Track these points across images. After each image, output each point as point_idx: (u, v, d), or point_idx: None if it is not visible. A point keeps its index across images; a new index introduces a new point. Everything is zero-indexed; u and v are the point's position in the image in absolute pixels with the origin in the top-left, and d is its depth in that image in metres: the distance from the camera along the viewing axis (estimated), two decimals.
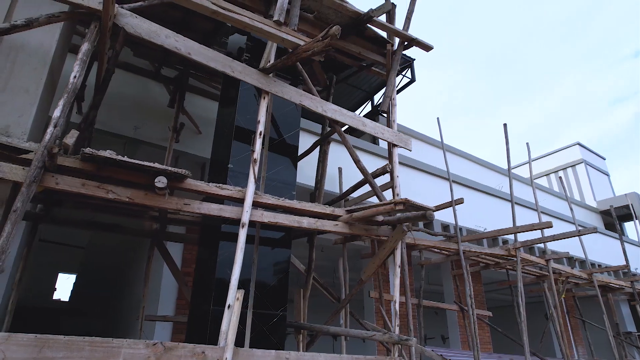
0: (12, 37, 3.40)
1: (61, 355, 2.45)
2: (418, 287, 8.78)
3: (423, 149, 11.28)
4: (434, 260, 8.96)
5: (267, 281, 4.10)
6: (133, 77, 6.23)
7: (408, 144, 4.77)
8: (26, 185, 2.64)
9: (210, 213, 3.37)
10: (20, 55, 3.39)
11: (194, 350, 2.82)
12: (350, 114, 4.43)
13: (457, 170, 10.92)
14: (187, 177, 3.16)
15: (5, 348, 2.34)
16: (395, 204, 3.54)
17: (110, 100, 6.07)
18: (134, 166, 2.95)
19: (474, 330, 6.82)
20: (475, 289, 11.53)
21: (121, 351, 2.60)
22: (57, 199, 4.50)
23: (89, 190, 2.91)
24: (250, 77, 3.80)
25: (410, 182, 9.13)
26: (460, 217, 8.12)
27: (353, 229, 4.05)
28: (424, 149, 11.32)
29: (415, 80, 11.09)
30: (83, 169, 2.95)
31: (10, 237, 2.52)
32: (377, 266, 4.32)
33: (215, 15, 3.26)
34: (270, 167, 4.53)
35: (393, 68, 5.07)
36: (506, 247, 7.61)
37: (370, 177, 4.40)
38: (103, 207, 4.70)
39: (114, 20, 3.19)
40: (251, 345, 3.74)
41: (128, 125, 6.15)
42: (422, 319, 8.65)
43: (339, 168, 8.12)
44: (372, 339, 3.84)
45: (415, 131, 11.69)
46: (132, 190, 3.08)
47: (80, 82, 3.00)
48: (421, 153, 10.48)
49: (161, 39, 3.38)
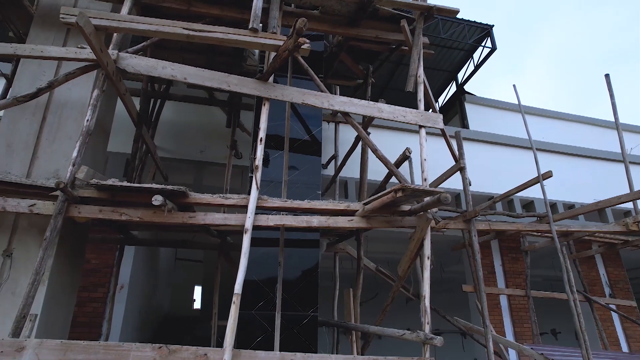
0: (57, 96, 4.16)
1: (81, 357, 2.88)
2: (519, 276, 7.76)
3: (502, 117, 9.99)
4: (538, 245, 7.81)
5: (296, 283, 4.13)
6: (192, 106, 6.93)
7: (437, 123, 4.32)
8: (53, 217, 3.19)
9: (215, 222, 3.57)
10: (64, 110, 4.11)
11: (197, 352, 3.02)
12: (363, 102, 4.22)
13: (543, 135, 9.40)
14: (185, 193, 3.42)
15: (38, 351, 2.86)
16: (395, 192, 3.25)
17: (176, 130, 6.87)
18: (137, 189, 3.32)
19: (600, 324, 5.72)
20: (614, 274, 9.68)
21: (130, 354, 2.94)
22: (130, 225, 5.26)
23: (105, 215, 3.38)
24: (247, 87, 3.93)
25: (485, 158, 8.19)
26: (553, 191, 6.95)
27: (372, 222, 3.84)
28: (503, 117, 10.01)
29: (496, 49, 9.91)
30: (101, 198, 3.43)
31: (42, 261, 3.07)
32: (410, 260, 4.00)
33: (191, 39, 3.48)
34: (294, 168, 4.57)
35: (414, 44, 4.66)
36: (623, 222, 6.20)
37: (392, 165, 4.10)
38: (167, 227, 5.32)
39: (115, 64, 3.64)
40: (281, 347, 3.82)
41: (194, 149, 6.86)
42: (533, 313, 7.62)
43: (409, 158, 7.73)
44: (402, 338, 3.56)
45: (487, 99, 10.48)
46: (142, 210, 3.46)
47: (92, 124, 3.50)
48: (500, 122, 9.32)
49: (158, 71, 3.74)
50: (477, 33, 10.12)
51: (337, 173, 6.63)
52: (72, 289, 4.11)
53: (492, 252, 9.30)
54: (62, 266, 3.78)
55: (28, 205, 3.30)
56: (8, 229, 3.63)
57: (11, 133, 3.93)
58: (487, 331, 5.03)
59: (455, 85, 11.58)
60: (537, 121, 10.95)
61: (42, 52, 3.60)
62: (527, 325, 8.21)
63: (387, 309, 4.34)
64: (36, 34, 4.32)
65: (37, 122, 4.00)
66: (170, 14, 4.43)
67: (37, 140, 3.93)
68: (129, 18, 3.38)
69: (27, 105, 3.98)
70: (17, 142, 3.90)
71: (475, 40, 10.17)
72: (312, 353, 3.73)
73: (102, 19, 3.25)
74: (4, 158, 3.84)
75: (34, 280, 3.01)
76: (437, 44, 10.38)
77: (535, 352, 5.83)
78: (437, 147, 7.05)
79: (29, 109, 4.02)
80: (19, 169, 3.80)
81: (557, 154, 9.10)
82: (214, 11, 4.28)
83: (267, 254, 4.19)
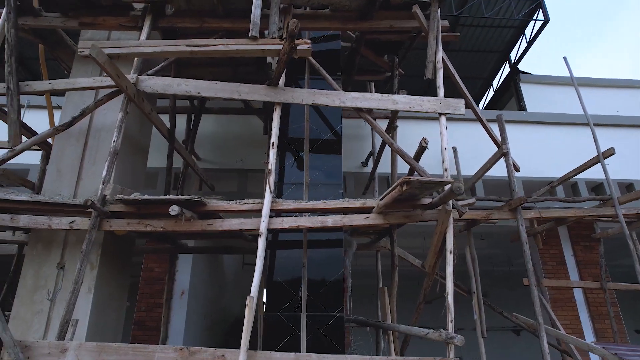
0: (95, 122, 4.59)
1: (113, 358, 3.15)
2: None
3: (564, 94, 9.05)
4: (611, 231, 6.97)
5: (321, 283, 4.13)
6: (230, 117, 7.24)
7: (458, 109, 4.06)
8: (88, 232, 3.53)
9: (232, 228, 3.70)
10: (102, 134, 4.52)
11: (215, 353, 3.15)
12: (375, 96, 4.11)
13: (601, 109, 8.35)
14: (201, 202, 3.59)
15: (78, 352, 3.17)
16: (400, 186, 3.12)
17: (217, 142, 7.22)
18: (156, 201, 3.56)
19: None
20: None
21: (155, 355, 3.15)
22: (178, 236, 5.63)
23: (132, 227, 3.66)
24: (258, 94, 4.03)
25: (544, 141, 7.50)
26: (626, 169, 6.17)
27: (389, 218, 3.71)
28: (566, 94, 9.06)
29: (549, 20, 9.07)
30: (129, 211, 3.73)
31: (80, 272, 3.41)
32: (435, 255, 3.81)
33: (194, 54, 3.66)
34: (315, 169, 4.58)
35: (431, 28, 4.43)
36: None
37: (409, 157, 3.94)
38: (211, 235, 5.62)
39: (136, 87, 3.94)
40: (308, 348, 3.84)
41: (235, 158, 7.16)
42: (611, 307, 6.83)
43: (453, 148, 7.38)
44: (426, 337, 3.40)
45: (545, 76, 9.59)
46: (164, 220, 3.69)
47: (119, 145, 3.82)
48: (562, 100, 8.47)
49: (174, 88, 3.98)
50: (526, 6, 9.35)
51: (374, 169, 6.52)
52: (120, 295, 4.48)
53: (561, 241, 8.49)
54: (108, 275, 4.15)
55: (68, 222, 3.68)
56: (60, 244, 4.08)
57: (60, 159, 4.41)
58: (541, 328, 4.64)
59: (509, 66, 10.78)
60: (609, 94, 9.79)
61: (74, 84, 4.02)
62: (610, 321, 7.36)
63: (421, 307, 4.16)
64: (77, 68, 4.81)
65: (80, 147, 4.46)
66: (188, 33, 4.70)
67: (81, 164, 4.37)
68: (136, 44, 3.65)
69: (72, 132, 4.46)
70: (65, 167, 4.37)
71: (525, 15, 9.40)
72: (340, 354, 3.72)
73: (114, 48, 3.55)
74: (55, 182, 4.32)
75: (73, 289, 3.35)
76: (482, 24, 9.77)
77: (608, 352, 5.22)
78: (483, 134, 6.60)
79: (74, 135, 4.49)
80: (68, 191, 4.25)
81: (628, 127, 8.07)
82: (225, 24, 4.44)
83: (291, 255, 4.24)
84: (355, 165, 7.56)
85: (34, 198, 3.79)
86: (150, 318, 7.36)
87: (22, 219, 3.73)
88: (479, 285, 5.93)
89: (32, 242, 4.10)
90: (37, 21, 4.51)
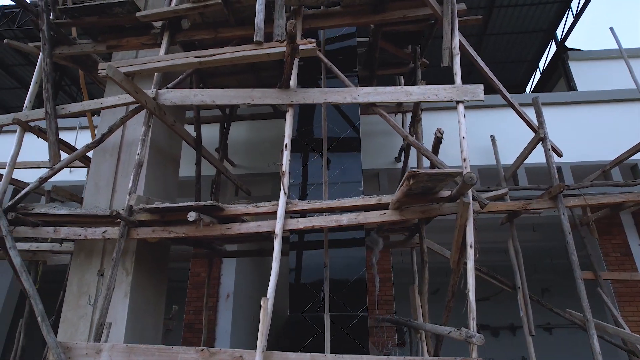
0: (127, 137, 4.88)
1: (141, 358, 3.33)
2: None
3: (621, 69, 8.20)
4: None
5: (343, 283, 4.08)
6: (260, 122, 7.39)
7: (476, 95, 3.85)
8: (118, 240, 3.77)
9: (249, 231, 3.77)
10: (132, 148, 4.81)
11: (233, 354, 3.23)
12: (389, 89, 4.00)
13: None
14: (218, 207, 3.70)
15: (111, 353, 3.39)
16: (408, 180, 3.00)
17: (249, 147, 7.41)
18: (176, 208, 3.72)
19: None
20: None
21: (178, 356, 3.28)
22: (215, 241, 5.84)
23: (157, 234, 3.85)
24: (269, 98, 4.08)
25: (597, 122, 6.86)
26: None
27: (405, 214, 3.59)
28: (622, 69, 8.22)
29: None
30: (155, 219, 3.93)
31: (111, 278, 3.64)
32: (458, 250, 3.62)
33: (204, 65, 3.77)
34: (334, 168, 4.55)
35: (445, 13, 4.24)
36: None
37: (425, 149, 3.79)
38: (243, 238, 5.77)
39: (155, 100, 4.15)
40: (332, 349, 3.81)
41: (268, 162, 7.29)
42: None
43: (491, 136, 7.02)
44: (449, 336, 3.24)
45: (597, 51, 8.78)
46: (186, 226, 3.84)
47: (143, 157, 4.05)
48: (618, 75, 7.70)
49: (190, 99, 4.14)
50: None
51: (405, 164, 6.34)
52: (157, 300, 4.72)
53: (625, 230, 7.72)
54: (144, 281, 4.40)
55: (101, 232, 3.96)
56: (100, 253, 4.38)
57: (97, 174, 4.75)
58: (590, 325, 4.26)
59: (555, 44, 10.02)
60: None
61: (102, 103, 4.31)
62: None
63: (450, 304, 3.97)
64: (109, 88, 5.16)
65: (114, 161, 4.77)
66: (205, 44, 4.86)
67: (115, 177, 4.68)
68: (149, 59, 3.84)
69: (107, 148, 4.79)
70: (101, 181, 4.70)
71: None
72: (364, 354, 3.66)
73: (128, 66, 3.76)
74: (94, 195, 4.66)
75: (105, 294, 3.59)
76: (522, 3, 9.18)
77: None
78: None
79: (108, 151, 4.82)
80: (104, 203, 4.57)
81: None
82: (238, 32, 4.55)
83: (312, 256, 4.24)
84: (389, 161, 7.40)
85: (72, 211, 4.11)
86: (199, 321, 7.69)
87: (62, 231, 4.06)
88: (524, 280, 5.55)
89: (76, 251, 4.45)
90: (71, 49, 4.90)
